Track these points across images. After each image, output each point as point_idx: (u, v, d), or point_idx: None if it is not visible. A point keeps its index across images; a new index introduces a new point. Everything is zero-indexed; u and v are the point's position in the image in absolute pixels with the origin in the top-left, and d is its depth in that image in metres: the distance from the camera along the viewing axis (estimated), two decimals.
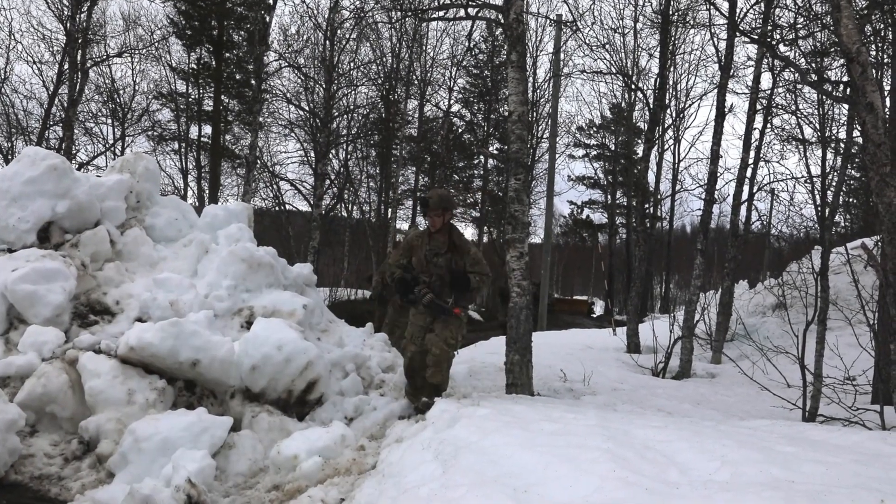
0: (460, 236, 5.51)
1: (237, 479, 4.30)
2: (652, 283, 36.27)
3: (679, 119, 27.04)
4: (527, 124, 6.78)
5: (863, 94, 5.25)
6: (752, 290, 16.63)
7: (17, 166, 5.99)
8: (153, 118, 24.03)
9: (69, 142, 17.76)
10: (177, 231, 6.69)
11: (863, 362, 7.94)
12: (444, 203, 5.44)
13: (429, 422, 4.55)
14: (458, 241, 5.45)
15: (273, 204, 23.81)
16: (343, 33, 20.36)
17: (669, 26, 13.82)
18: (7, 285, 5.10)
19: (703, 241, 11.37)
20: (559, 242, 44.06)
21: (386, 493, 3.49)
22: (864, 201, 22.78)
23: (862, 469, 3.08)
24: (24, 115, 20.51)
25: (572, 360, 9.63)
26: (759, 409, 7.56)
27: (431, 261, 5.42)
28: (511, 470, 3.26)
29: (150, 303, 5.48)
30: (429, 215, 5.43)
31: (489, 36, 28.88)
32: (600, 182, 39.16)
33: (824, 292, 7.75)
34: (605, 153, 37.73)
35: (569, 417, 4.33)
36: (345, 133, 23.63)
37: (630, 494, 2.82)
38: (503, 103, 28.73)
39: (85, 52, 18.40)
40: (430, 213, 5.40)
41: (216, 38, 23.51)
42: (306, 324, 5.84)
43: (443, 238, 5.44)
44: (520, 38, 6.58)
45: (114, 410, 4.48)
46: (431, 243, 5.45)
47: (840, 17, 5.38)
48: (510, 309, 6.38)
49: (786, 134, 14.80)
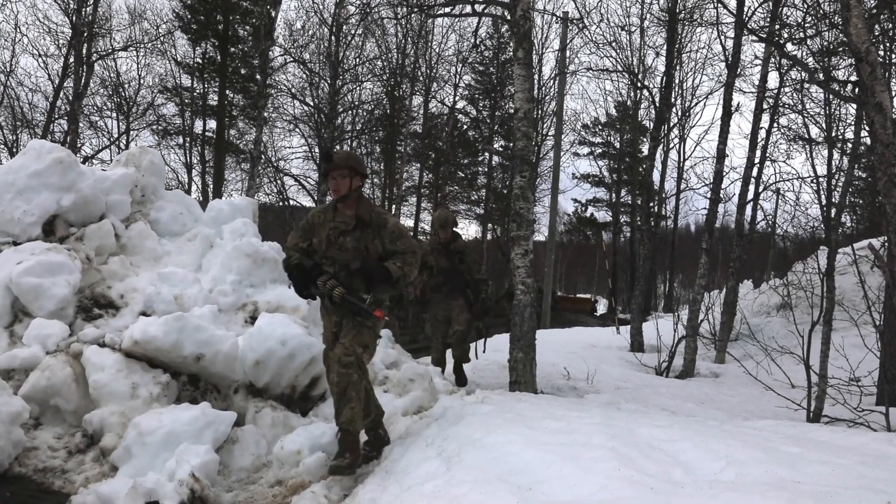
0: (372, 207, 4.25)
1: (240, 473, 4.30)
2: (656, 282, 36.20)
3: (685, 117, 27.02)
4: (532, 121, 6.77)
5: (871, 94, 5.22)
6: (756, 290, 16.59)
7: (23, 159, 6.00)
8: (158, 112, 24.12)
9: (74, 135, 17.82)
10: (181, 225, 6.69)
11: (868, 363, 7.92)
12: (352, 161, 4.20)
13: (432, 419, 4.55)
14: (370, 213, 4.16)
15: (277, 199, 23.85)
16: (348, 29, 20.37)
17: (676, 24, 13.78)
18: (12, 278, 5.10)
19: (708, 240, 11.34)
20: (563, 240, 44.00)
21: (389, 490, 3.49)
22: (869, 202, 22.69)
23: (868, 471, 3.06)
24: (30, 109, 20.60)
25: (576, 359, 9.62)
26: (763, 410, 7.54)
27: (336, 242, 4.14)
28: (515, 468, 3.25)
29: (155, 297, 5.48)
30: (331, 176, 4.16)
31: (495, 32, 28.84)
32: (605, 180, 39.10)
33: (830, 293, 7.72)
34: (611, 151, 37.66)
35: (573, 416, 4.32)
36: (349, 129, 23.65)
37: (635, 493, 2.81)
38: (508, 100, 28.71)
39: (90, 45, 18.45)
40: (332, 172, 4.15)
41: (221, 32, 23.54)
42: (310, 319, 5.83)
43: (350, 211, 4.17)
44: (526, 35, 6.55)
45: (118, 404, 4.48)
46: (336, 219, 4.19)
47: (849, 16, 5.35)
48: (514, 306, 6.39)
49: (792, 133, 14.78)
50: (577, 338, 14.05)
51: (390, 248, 4.11)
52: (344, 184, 4.13)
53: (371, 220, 4.13)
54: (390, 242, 4.11)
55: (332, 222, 4.18)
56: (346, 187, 4.13)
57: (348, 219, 4.15)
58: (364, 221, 4.13)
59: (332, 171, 4.14)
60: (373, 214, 4.15)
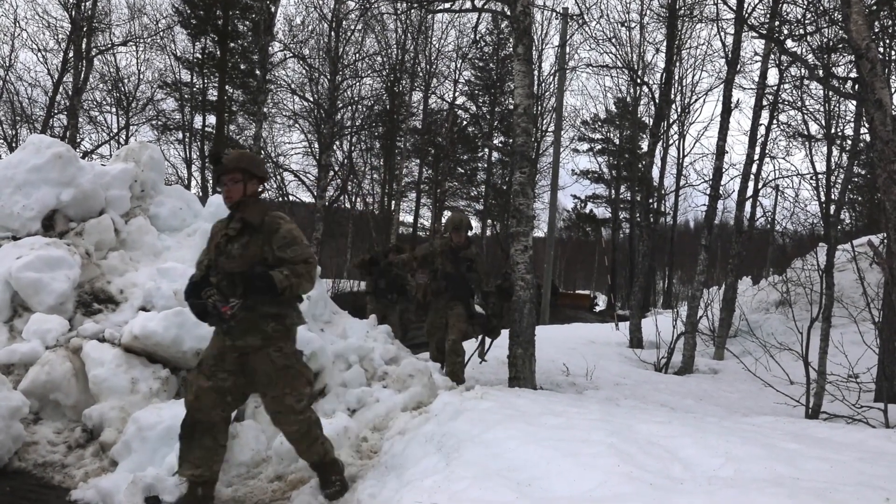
0: (265, 211, 3.69)
1: (240, 469, 4.30)
2: (655, 279, 36.24)
3: (684, 114, 27.01)
4: (532, 118, 6.74)
5: (871, 91, 5.22)
6: (755, 287, 16.62)
7: (22, 154, 5.99)
8: (157, 107, 24.11)
9: (73, 130, 17.80)
10: (181, 220, 6.68)
11: (867, 360, 7.92)
12: (244, 163, 3.68)
13: (432, 414, 4.55)
14: (260, 217, 3.64)
15: (276, 195, 23.82)
16: (348, 24, 20.32)
17: (676, 20, 13.76)
18: (11, 273, 5.10)
19: (708, 236, 11.35)
20: (562, 236, 44.00)
21: (388, 486, 3.50)
22: (869, 198, 22.71)
23: (867, 467, 3.07)
24: (29, 103, 20.59)
25: (575, 355, 9.63)
26: (761, 406, 7.55)
27: (224, 250, 3.66)
28: (514, 463, 3.26)
29: (154, 292, 5.47)
30: (222, 181, 3.67)
31: (495, 28, 28.81)
32: (604, 176, 39.09)
33: (829, 289, 7.73)
34: (610, 148, 37.64)
35: (572, 412, 4.32)
36: (349, 124, 23.62)
37: (634, 489, 2.81)
38: (508, 96, 28.68)
39: (90, 40, 18.41)
40: (223, 177, 3.66)
41: (221, 27, 23.51)
42: (310, 315, 5.83)
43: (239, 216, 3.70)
44: (526, 31, 6.54)
45: (117, 399, 4.49)
46: (229, 226, 3.73)
47: (849, 12, 5.34)
48: (514, 303, 6.36)
49: (792, 130, 14.79)
50: (576, 334, 14.07)
51: (279, 255, 3.56)
52: (236, 189, 3.65)
53: (262, 225, 3.62)
54: (279, 249, 3.57)
55: (224, 230, 3.73)
56: (238, 193, 3.65)
57: (236, 224, 3.68)
58: (252, 226, 3.62)
59: (222, 175, 3.65)
60: (265, 218, 3.63)
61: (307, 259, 3.59)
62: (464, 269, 6.70)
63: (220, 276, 3.62)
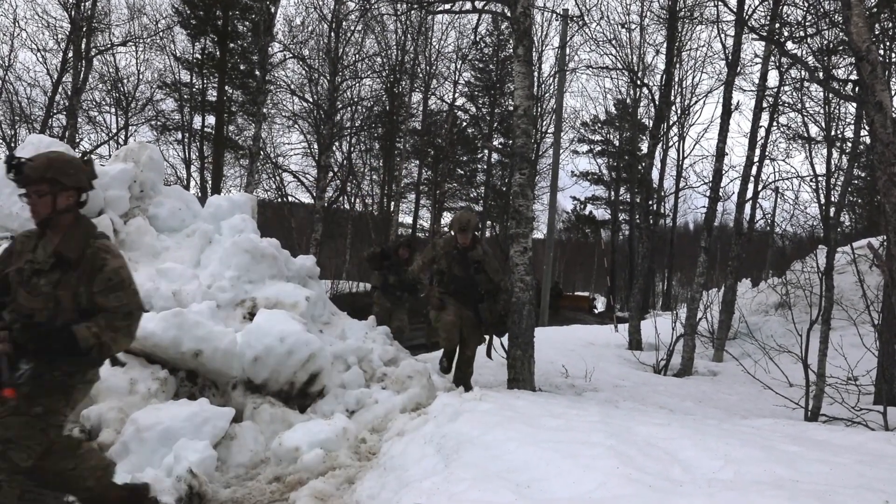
0: (88, 240, 2.93)
1: (238, 470, 4.30)
2: (654, 281, 36.21)
3: (684, 116, 27.03)
4: (532, 119, 6.73)
5: (872, 93, 5.21)
6: (755, 289, 16.61)
7: (21, 154, 5.97)
8: (157, 108, 24.07)
9: (73, 130, 17.79)
10: (180, 221, 6.67)
11: (866, 363, 7.92)
12: (53, 171, 2.88)
13: (431, 416, 4.55)
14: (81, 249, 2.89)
15: (276, 195, 23.83)
16: (348, 25, 20.32)
17: (677, 22, 13.77)
18: None
19: (707, 238, 11.34)
20: (562, 238, 44.01)
21: (388, 487, 3.49)
22: (868, 201, 22.73)
23: (866, 470, 3.06)
24: (28, 103, 20.56)
25: (574, 357, 9.62)
26: (761, 408, 7.55)
27: (27, 281, 2.88)
28: (513, 465, 3.25)
29: (153, 293, 5.46)
30: (27, 192, 2.89)
31: (495, 29, 28.82)
32: (604, 178, 39.10)
33: (828, 292, 7.73)
34: (610, 149, 37.65)
35: (571, 413, 4.32)
36: (348, 125, 23.62)
37: (633, 491, 2.80)
38: (508, 97, 28.69)
39: (89, 40, 18.41)
40: (27, 188, 2.89)
41: (221, 28, 23.51)
42: (309, 316, 5.83)
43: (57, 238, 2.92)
44: (526, 33, 6.54)
45: (116, 400, 4.48)
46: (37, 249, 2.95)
47: (850, 14, 5.34)
48: (513, 304, 6.34)
49: (792, 132, 14.81)
50: (575, 335, 14.05)
51: (100, 301, 2.84)
52: (44, 203, 2.86)
53: (81, 260, 2.86)
54: (100, 293, 2.84)
55: (31, 253, 2.93)
56: (47, 208, 2.87)
57: (47, 254, 2.89)
58: (67, 260, 2.86)
59: (26, 186, 2.87)
60: (87, 251, 2.88)
61: (131, 311, 2.89)
62: (472, 271, 6.38)
63: (14, 316, 2.82)
